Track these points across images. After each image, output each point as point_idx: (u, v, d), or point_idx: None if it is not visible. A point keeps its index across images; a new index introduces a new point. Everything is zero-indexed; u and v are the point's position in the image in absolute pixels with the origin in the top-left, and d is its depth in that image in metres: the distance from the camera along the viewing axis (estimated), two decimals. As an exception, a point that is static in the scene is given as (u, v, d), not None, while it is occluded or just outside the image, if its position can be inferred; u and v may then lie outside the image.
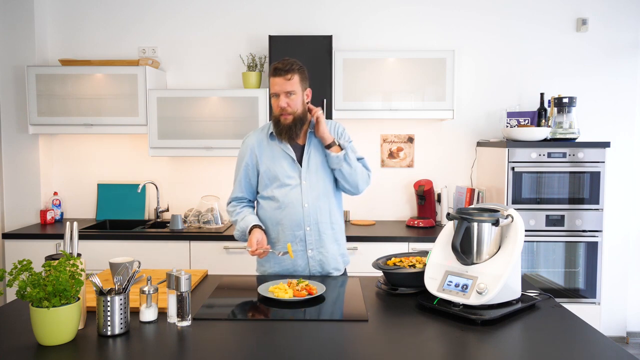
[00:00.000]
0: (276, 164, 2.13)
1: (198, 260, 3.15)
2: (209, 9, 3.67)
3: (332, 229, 2.16)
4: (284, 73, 2.02)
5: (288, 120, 2.07)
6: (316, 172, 2.12)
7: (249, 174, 2.19)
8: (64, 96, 3.38)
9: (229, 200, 2.26)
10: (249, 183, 2.20)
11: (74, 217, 3.77)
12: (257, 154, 2.16)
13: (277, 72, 2.03)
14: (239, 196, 2.23)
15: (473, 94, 3.67)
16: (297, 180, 2.11)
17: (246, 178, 2.19)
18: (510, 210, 1.71)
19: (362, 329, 1.52)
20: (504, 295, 1.62)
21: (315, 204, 2.11)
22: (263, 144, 2.16)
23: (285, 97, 2.04)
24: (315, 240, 2.13)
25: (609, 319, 3.66)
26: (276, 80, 2.04)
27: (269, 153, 2.15)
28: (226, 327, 1.55)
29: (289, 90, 2.04)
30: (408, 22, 3.65)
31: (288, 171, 2.11)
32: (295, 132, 2.09)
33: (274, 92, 2.06)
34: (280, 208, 2.11)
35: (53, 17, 3.67)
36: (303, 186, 2.10)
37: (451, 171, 3.71)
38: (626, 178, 3.68)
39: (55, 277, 1.36)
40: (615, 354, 1.34)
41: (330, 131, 2.15)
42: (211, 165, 3.72)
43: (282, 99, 2.04)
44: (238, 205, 2.22)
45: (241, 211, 2.18)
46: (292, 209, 2.10)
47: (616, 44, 3.62)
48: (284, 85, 2.03)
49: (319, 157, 2.14)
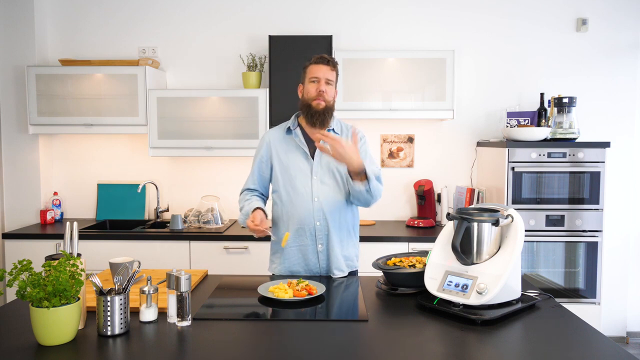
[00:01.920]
0: (289, 156, 2.17)
1: (198, 260, 3.15)
2: (209, 9, 3.67)
3: (339, 228, 2.16)
4: (328, 62, 2.12)
5: (321, 106, 2.12)
6: (328, 168, 2.14)
7: (262, 167, 2.23)
8: (64, 96, 3.38)
9: (241, 190, 2.29)
10: (262, 176, 2.25)
11: (74, 217, 3.77)
12: (272, 148, 2.21)
13: (321, 60, 2.12)
14: (251, 187, 2.27)
15: (473, 94, 3.67)
16: (308, 174, 2.14)
17: (259, 171, 2.24)
18: (510, 210, 1.71)
19: (362, 329, 1.52)
20: (504, 295, 1.62)
21: (325, 199, 2.12)
22: (280, 139, 2.22)
23: (325, 85, 2.11)
24: (325, 235, 2.14)
25: (609, 319, 3.66)
26: (320, 67, 2.11)
27: (285, 146, 2.20)
28: (226, 327, 1.55)
29: (330, 78, 2.12)
30: (408, 22, 3.65)
31: (300, 164, 2.15)
32: (327, 119, 2.14)
33: (314, 76, 2.11)
34: (291, 201, 2.15)
35: (53, 17, 3.67)
36: (314, 180, 2.13)
37: (451, 171, 3.71)
38: (626, 178, 3.68)
39: (55, 277, 1.36)
40: (615, 354, 1.34)
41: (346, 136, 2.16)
42: (211, 165, 3.72)
43: (322, 84, 2.10)
44: (248, 194, 2.24)
45: (250, 198, 2.20)
46: (302, 202, 2.13)
47: (616, 44, 3.62)
48: (327, 73, 2.11)
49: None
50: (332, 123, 2.19)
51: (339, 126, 2.24)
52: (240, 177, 2.87)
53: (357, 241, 2.28)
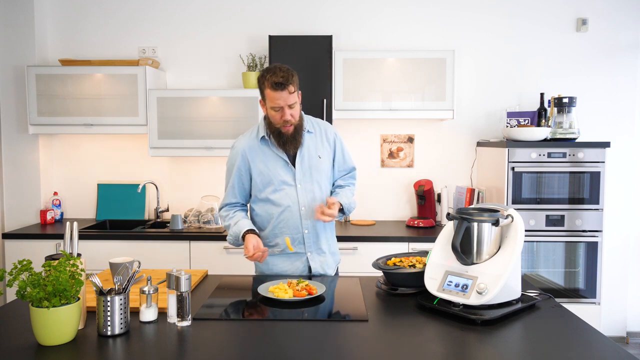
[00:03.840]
0: (270, 167, 2.10)
1: (198, 260, 3.15)
2: (209, 9, 3.67)
3: (325, 229, 2.18)
4: (286, 86, 1.95)
5: (291, 131, 2.04)
6: (310, 174, 2.12)
7: (242, 178, 2.15)
8: (64, 96, 3.38)
9: (220, 206, 2.22)
10: (242, 187, 2.17)
11: (74, 217, 3.77)
12: (249, 158, 2.12)
13: (278, 87, 1.94)
14: (232, 202, 2.19)
15: (473, 94, 3.67)
16: (292, 184, 2.10)
17: (239, 183, 2.15)
18: (510, 210, 1.71)
19: (362, 329, 1.52)
20: (504, 295, 1.62)
21: (312, 207, 2.10)
22: (254, 148, 2.12)
23: (289, 110, 1.99)
24: (314, 242, 2.14)
25: (609, 319, 3.66)
26: (279, 94, 1.96)
27: (262, 157, 2.11)
28: (226, 327, 1.55)
29: (292, 102, 1.99)
30: (408, 22, 3.65)
31: (282, 175, 2.10)
32: (298, 140, 2.08)
33: (276, 106, 1.98)
34: (278, 212, 2.10)
35: (53, 17, 3.67)
36: (298, 189, 2.10)
37: (451, 171, 3.71)
38: (626, 178, 3.68)
39: (55, 277, 1.36)
40: (615, 354, 1.34)
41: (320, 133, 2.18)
42: (211, 165, 3.72)
43: (287, 113, 1.99)
44: (231, 210, 2.18)
45: (234, 216, 2.14)
46: (289, 212, 2.10)
47: (616, 44, 3.62)
48: (287, 99, 1.97)
49: (312, 159, 2.13)
50: (306, 124, 2.13)
51: (311, 124, 2.17)
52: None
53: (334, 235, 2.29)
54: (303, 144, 2.12)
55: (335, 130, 2.24)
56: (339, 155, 2.22)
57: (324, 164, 2.15)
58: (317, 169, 2.12)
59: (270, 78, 1.96)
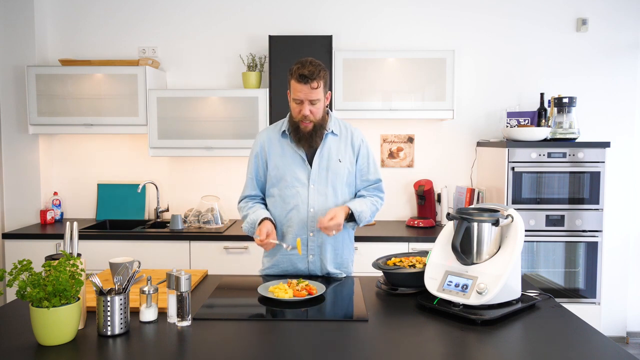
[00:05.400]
0: (285, 163, 2.07)
1: (198, 260, 3.15)
2: (209, 9, 3.67)
3: (335, 238, 2.08)
4: (311, 81, 1.91)
5: (309, 128, 2.00)
6: (326, 175, 2.06)
7: (259, 170, 2.13)
8: (64, 96, 3.38)
9: (240, 198, 2.19)
10: (260, 180, 2.14)
11: (74, 217, 3.77)
12: (267, 150, 2.09)
13: (302, 79, 1.91)
14: (252, 194, 2.16)
15: (473, 94, 3.67)
16: (305, 183, 2.05)
17: (257, 175, 2.13)
18: (510, 210, 1.71)
19: (362, 329, 1.52)
20: (504, 295, 1.62)
21: (321, 210, 2.04)
22: (274, 140, 2.10)
23: (309, 105, 1.96)
24: (317, 246, 2.08)
25: (609, 319, 3.66)
26: (301, 87, 1.92)
27: (279, 150, 2.08)
28: (226, 327, 1.55)
29: (314, 99, 1.95)
30: (408, 22, 3.65)
31: (296, 172, 2.05)
32: (315, 140, 2.03)
33: (297, 98, 1.95)
34: (286, 209, 2.07)
35: (53, 17, 3.67)
36: (310, 189, 2.05)
37: (451, 171, 3.71)
38: (626, 178, 3.68)
39: (55, 277, 1.36)
40: (615, 354, 1.34)
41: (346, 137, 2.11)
42: (211, 165, 3.72)
43: (306, 107, 1.95)
44: (250, 201, 2.15)
45: (253, 206, 2.11)
46: (297, 211, 2.05)
47: (616, 44, 3.62)
48: (309, 94, 1.93)
49: (331, 160, 2.07)
50: (330, 124, 2.09)
51: (338, 126, 2.12)
52: (240, 177, 2.87)
53: (352, 245, 2.21)
54: (324, 145, 2.07)
55: (364, 137, 2.17)
56: (363, 163, 2.14)
57: (343, 168, 2.08)
58: (334, 171, 2.06)
59: (298, 69, 1.94)
